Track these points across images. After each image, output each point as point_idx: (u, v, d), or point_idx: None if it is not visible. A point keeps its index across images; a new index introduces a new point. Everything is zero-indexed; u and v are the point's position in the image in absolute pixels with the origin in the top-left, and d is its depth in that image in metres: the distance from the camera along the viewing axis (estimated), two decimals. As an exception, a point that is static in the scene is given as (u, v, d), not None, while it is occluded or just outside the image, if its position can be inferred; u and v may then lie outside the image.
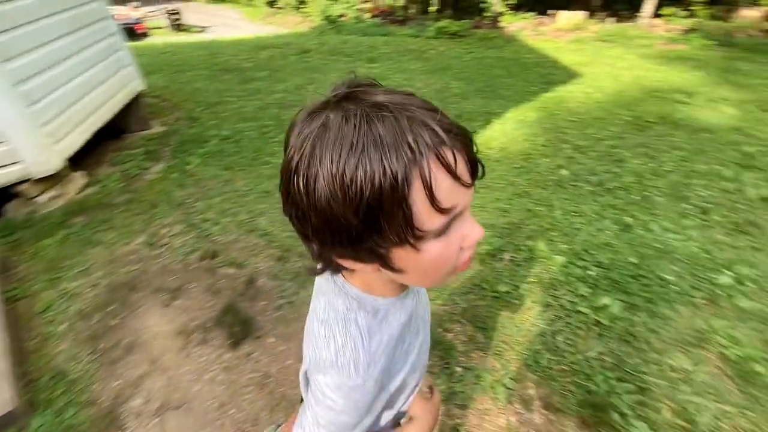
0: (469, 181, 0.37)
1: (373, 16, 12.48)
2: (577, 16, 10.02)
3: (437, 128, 0.33)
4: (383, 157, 0.32)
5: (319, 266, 0.45)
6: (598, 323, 1.80)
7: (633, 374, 1.58)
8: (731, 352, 1.63)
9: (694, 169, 3.05)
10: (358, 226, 0.35)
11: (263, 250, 2.32)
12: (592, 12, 11.67)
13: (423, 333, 0.58)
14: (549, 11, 10.83)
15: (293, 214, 0.38)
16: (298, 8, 14.51)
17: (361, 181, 0.32)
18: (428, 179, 0.33)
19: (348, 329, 0.45)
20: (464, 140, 0.36)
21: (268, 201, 2.77)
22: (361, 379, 0.44)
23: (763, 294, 1.92)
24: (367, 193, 0.32)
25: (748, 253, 2.19)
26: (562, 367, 1.63)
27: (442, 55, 7.39)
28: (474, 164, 0.37)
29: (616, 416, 1.44)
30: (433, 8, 13.38)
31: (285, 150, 0.37)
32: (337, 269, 0.45)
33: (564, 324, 1.81)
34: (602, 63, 6.33)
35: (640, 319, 1.82)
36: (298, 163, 0.35)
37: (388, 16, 12.63)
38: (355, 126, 0.32)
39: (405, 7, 13.51)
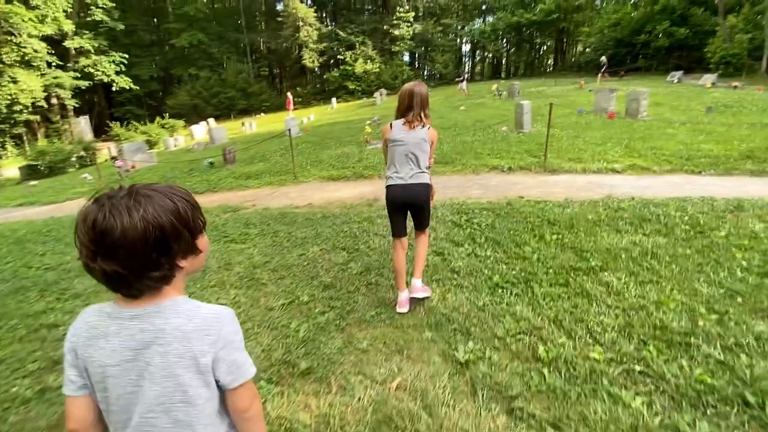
0: None
1: None
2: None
3: None
4: (184, 194, 0.72)
5: (153, 282, 0.68)
6: None
7: None
8: None
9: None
10: (188, 231, 0.70)
11: None
12: None
13: None
14: None
15: (146, 262, 0.65)
16: None
17: (188, 204, 0.71)
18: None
19: (197, 303, 0.74)
20: None
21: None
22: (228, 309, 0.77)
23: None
24: (190, 208, 0.71)
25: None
26: None
27: None
28: None
29: None
30: None
31: (119, 230, 0.62)
32: (170, 275, 0.70)
33: None
34: None
35: None
36: (149, 221, 0.64)
37: None
38: (162, 191, 0.69)
39: None
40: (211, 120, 29.87)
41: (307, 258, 3.52)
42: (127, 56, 31.89)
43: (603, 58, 24.05)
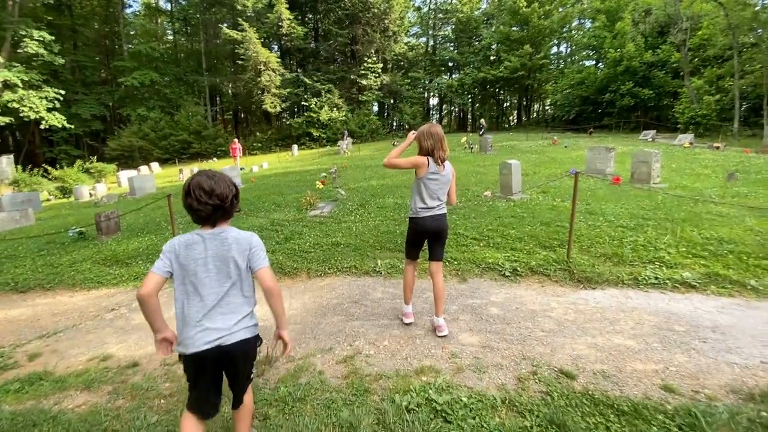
0: None
1: None
2: None
3: None
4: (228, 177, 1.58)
5: (227, 219, 1.55)
6: None
7: None
8: None
9: None
10: (238, 192, 1.57)
11: None
12: None
13: None
14: None
15: (230, 204, 1.51)
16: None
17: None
18: None
19: (238, 229, 1.56)
20: None
21: None
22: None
23: None
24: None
25: None
26: None
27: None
28: None
29: None
30: None
31: (219, 189, 1.48)
32: (232, 214, 1.55)
33: None
34: None
35: None
36: (227, 185, 1.50)
37: None
38: (213, 174, 1.54)
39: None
40: (155, 164, 26.72)
41: None
42: (63, 92, 28.65)
43: (482, 121, 24.22)
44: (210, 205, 1.43)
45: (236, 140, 20.37)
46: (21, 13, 28.13)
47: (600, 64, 31.02)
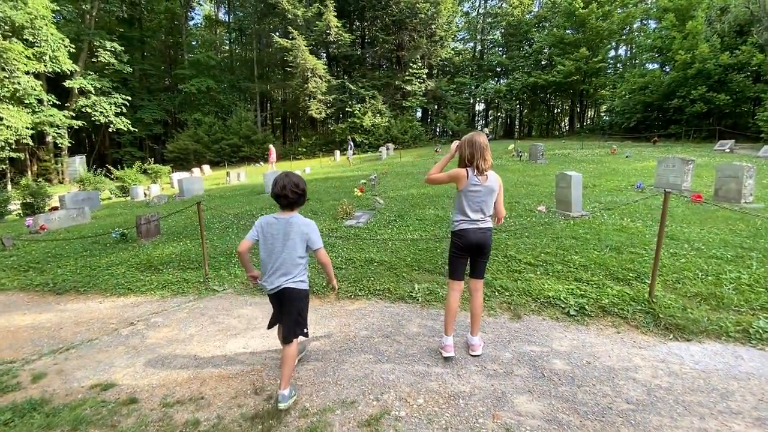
0: None
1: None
2: None
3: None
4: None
5: (294, 208, 2.31)
6: None
7: None
8: None
9: None
10: (305, 189, 2.33)
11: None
12: None
13: None
14: None
15: (302, 197, 2.30)
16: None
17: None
18: None
19: (303, 217, 2.35)
20: None
21: None
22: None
23: None
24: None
25: None
26: None
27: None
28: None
29: None
30: None
31: (299, 184, 2.28)
32: (300, 204, 2.32)
33: None
34: None
35: None
36: (298, 183, 2.28)
37: None
38: (291, 175, 2.35)
39: None
40: (206, 167, 27.97)
41: None
42: (130, 98, 30.96)
43: (486, 130, 22.59)
44: (280, 197, 2.23)
45: (272, 146, 20.84)
46: (97, 26, 30.81)
47: (666, 67, 28.43)
